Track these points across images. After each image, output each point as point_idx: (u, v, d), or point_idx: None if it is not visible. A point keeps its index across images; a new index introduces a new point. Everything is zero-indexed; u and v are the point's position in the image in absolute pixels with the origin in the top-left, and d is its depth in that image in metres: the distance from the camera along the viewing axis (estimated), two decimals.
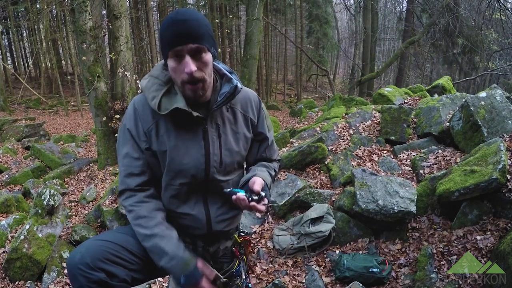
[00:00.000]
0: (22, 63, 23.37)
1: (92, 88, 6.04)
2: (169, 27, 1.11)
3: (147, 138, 1.23)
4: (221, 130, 1.27)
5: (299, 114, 9.78)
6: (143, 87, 1.25)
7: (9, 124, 9.75)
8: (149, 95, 1.21)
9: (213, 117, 1.25)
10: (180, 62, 1.12)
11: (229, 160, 1.29)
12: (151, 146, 1.23)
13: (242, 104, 1.34)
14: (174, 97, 1.19)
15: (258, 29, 8.88)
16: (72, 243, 3.43)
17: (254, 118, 1.36)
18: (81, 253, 1.08)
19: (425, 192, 3.09)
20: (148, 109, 1.23)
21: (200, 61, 1.13)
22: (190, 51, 1.11)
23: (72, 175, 6.19)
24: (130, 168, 1.24)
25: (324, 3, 19.40)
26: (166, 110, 1.16)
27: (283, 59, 22.45)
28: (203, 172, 1.25)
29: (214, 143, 1.25)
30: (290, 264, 2.92)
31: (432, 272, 2.39)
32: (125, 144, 1.26)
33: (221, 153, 1.27)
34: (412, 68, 20.27)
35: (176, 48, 1.10)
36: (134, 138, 1.24)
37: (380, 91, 6.32)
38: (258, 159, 1.44)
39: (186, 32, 1.10)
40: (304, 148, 4.08)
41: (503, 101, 3.67)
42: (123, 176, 1.26)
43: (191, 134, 1.23)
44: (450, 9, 11.97)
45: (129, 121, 1.25)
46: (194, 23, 1.12)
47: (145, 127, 1.23)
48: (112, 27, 6.23)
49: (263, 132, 1.40)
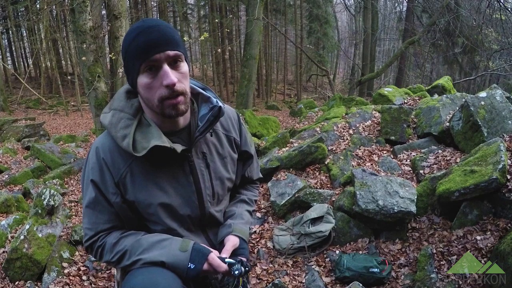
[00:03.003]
0: (22, 63, 23.39)
1: (92, 88, 6.03)
2: (139, 35, 0.93)
3: (118, 189, 1.05)
4: (208, 159, 1.12)
5: (299, 114, 9.78)
6: (106, 125, 1.03)
7: (9, 124, 9.75)
8: (117, 133, 1.00)
9: (198, 146, 1.10)
10: (156, 75, 0.94)
11: (221, 189, 1.18)
12: (125, 197, 1.05)
13: (223, 124, 1.20)
14: (148, 131, 1.01)
15: (258, 29, 8.89)
16: (72, 243, 3.42)
17: (237, 136, 1.23)
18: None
19: (425, 192, 3.09)
20: (117, 152, 1.03)
21: (179, 71, 0.97)
22: (168, 59, 0.94)
23: (72, 175, 6.19)
24: (97, 225, 1.08)
25: (324, 3, 19.39)
26: (143, 149, 0.97)
27: (283, 59, 22.45)
28: (197, 210, 1.12)
29: (204, 176, 1.11)
30: (290, 264, 2.92)
31: (432, 272, 2.39)
32: (87, 195, 1.07)
33: (213, 184, 1.14)
34: (412, 68, 20.29)
35: (151, 57, 0.92)
36: (101, 190, 1.05)
37: (380, 91, 6.32)
38: (241, 180, 1.32)
39: (161, 37, 0.93)
40: (304, 148, 4.08)
41: (503, 101, 3.67)
42: (87, 229, 1.10)
43: (176, 170, 1.07)
44: (450, 9, 11.97)
45: (94, 172, 1.05)
46: (167, 28, 0.96)
47: (116, 177, 1.03)
48: (112, 27, 6.24)
49: (248, 150, 1.28)
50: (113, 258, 1.06)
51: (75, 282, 2.90)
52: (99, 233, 1.09)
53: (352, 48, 25.39)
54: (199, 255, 1.01)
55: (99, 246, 1.09)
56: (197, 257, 1.01)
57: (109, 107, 1.07)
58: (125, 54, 0.97)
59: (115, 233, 1.09)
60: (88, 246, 1.12)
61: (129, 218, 1.10)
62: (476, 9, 12.07)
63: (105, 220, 1.08)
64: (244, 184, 1.37)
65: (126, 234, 1.09)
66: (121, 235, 1.09)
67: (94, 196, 1.05)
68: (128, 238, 1.07)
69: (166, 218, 1.08)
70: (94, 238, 1.09)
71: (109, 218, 1.08)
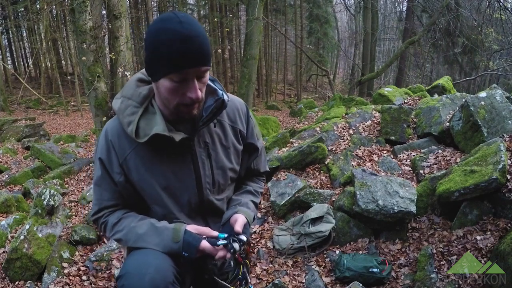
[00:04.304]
0: (22, 63, 23.40)
1: (92, 88, 6.03)
2: (177, 42, 0.89)
3: (122, 170, 1.11)
4: (210, 149, 1.15)
5: (299, 114, 9.79)
6: (116, 110, 1.10)
7: (9, 124, 9.75)
8: (124, 119, 1.06)
9: (201, 135, 1.13)
10: (182, 84, 0.96)
11: (222, 179, 1.20)
12: (129, 177, 1.12)
13: (230, 115, 1.22)
14: (152, 119, 1.05)
15: (258, 29, 8.89)
16: (72, 243, 3.43)
17: (243, 128, 1.25)
18: (150, 274, 0.97)
19: (425, 192, 3.09)
20: (124, 136, 1.09)
21: (202, 82, 0.99)
22: (198, 73, 0.95)
23: (72, 175, 6.19)
24: (101, 201, 1.17)
25: (325, 3, 19.40)
26: (145, 136, 1.02)
27: (283, 59, 22.46)
28: (196, 197, 1.16)
29: (204, 164, 1.14)
30: (290, 264, 2.92)
31: (432, 272, 2.39)
32: (95, 173, 1.17)
33: (213, 173, 1.17)
34: (412, 68, 20.29)
35: (185, 70, 0.92)
36: (107, 169, 1.12)
37: (380, 91, 6.32)
38: (246, 172, 1.34)
39: (199, 52, 0.92)
40: (304, 148, 4.08)
41: (503, 101, 3.67)
42: (94, 205, 1.19)
43: (177, 157, 1.11)
44: (450, 9, 11.97)
45: (102, 151, 1.13)
46: (204, 40, 0.93)
47: (121, 158, 1.10)
48: (112, 27, 6.23)
49: (253, 143, 1.29)
50: (114, 236, 1.15)
51: (75, 282, 2.90)
52: (103, 209, 1.18)
53: (352, 48, 25.40)
54: (190, 246, 1.05)
55: (102, 223, 1.18)
56: (188, 248, 1.05)
57: (120, 93, 1.13)
58: (153, 51, 0.94)
59: (118, 213, 1.17)
60: (94, 220, 1.21)
61: (132, 198, 1.16)
62: (476, 9, 12.08)
63: (109, 198, 1.16)
64: (251, 176, 1.38)
65: (127, 215, 1.16)
66: (122, 215, 1.16)
67: (101, 174, 1.14)
68: (127, 220, 1.14)
69: (167, 201, 1.13)
70: (99, 214, 1.18)
71: (112, 196, 1.16)
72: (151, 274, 0.96)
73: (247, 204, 1.27)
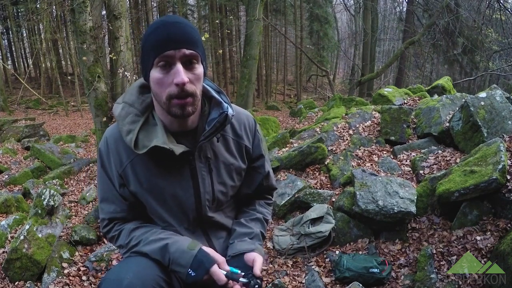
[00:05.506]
0: (22, 63, 23.41)
1: (92, 88, 6.03)
2: (158, 29, 0.92)
3: (122, 179, 1.07)
4: (212, 165, 1.09)
5: (299, 115, 9.79)
6: (116, 115, 1.05)
7: (9, 124, 9.74)
8: (123, 127, 1.01)
9: (202, 150, 1.07)
10: (168, 72, 0.93)
11: (222, 196, 1.14)
12: (128, 188, 1.08)
13: (236, 130, 1.15)
14: (153, 130, 1.01)
15: (258, 29, 8.89)
16: (72, 244, 3.43)
17: (249, 144, 1.18)
18: (128, 279, 0.92)
19: (425, 193, 3.09)
20: (122, 145, 1.05)
21: (193, 72, 0.95)
22: (183, 57, 0.92)
23: (72, 175, 6.19)
24: (110, 214, 1.12)
25: (325, 3, 19.40)
26: (144, 148, 0.98)
27: (283, 60, 22.46)
28: (195, 213, 1.11)
29: (204, 180, 1.09)
30: (290, 265, 2.92)
31: (432, 272, 2.39)
32: (99, 180, 1.13)
33: (213, 189, 1.11)
34: (412, 69, 20.30)
35: (166, 52, 0.91)
36: (109, 176, 1.09)
37: (380, 92, 6.32)
38: (256, 189, 1.26)
39: (179, 34, 0.92)
40: (304, 148, 4.08)
41: (503, 102, 3.67)
42: (102, 218, 1.15)
43: (177, 171, 1.06)
44: (450, 10, 11.98)
45: (103, 157, 1.09)
46: (188, 27, 0.94)
47: (119, 169, 1.06)
48: (112, 27, 6.23)
49: (260, 159, 1.23)
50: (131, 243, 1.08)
51: (75, 282, 2.90)
52: (113, 220, 1.14)
53: (352, 48, 25.40)
54: (200, 266, 0.99)
55: (116, 231, 1.13)
56: (198, 267, 0.99)
57: (122, 99, 1.08)
58: (143, 46, 0.97)
59: (131, 224, 1.13)
60: (104, 233, 1.17)
61: (139, 207, 1.12)
62: (476, 10, 12.08)
63: (116, 210, 1.12)
64: (261, 193, 1.30)
65: (142, 225, 1.12)
66: (139, 225, 1.12)
67: (106, 185, 1.11)
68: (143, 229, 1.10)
69: (165, 215, 1.10)
70: (110, 226, 1.14)
71: (121, 208, 1.11)
72: (129, 279, 0.92)
73: (259, 236, 1.19)
